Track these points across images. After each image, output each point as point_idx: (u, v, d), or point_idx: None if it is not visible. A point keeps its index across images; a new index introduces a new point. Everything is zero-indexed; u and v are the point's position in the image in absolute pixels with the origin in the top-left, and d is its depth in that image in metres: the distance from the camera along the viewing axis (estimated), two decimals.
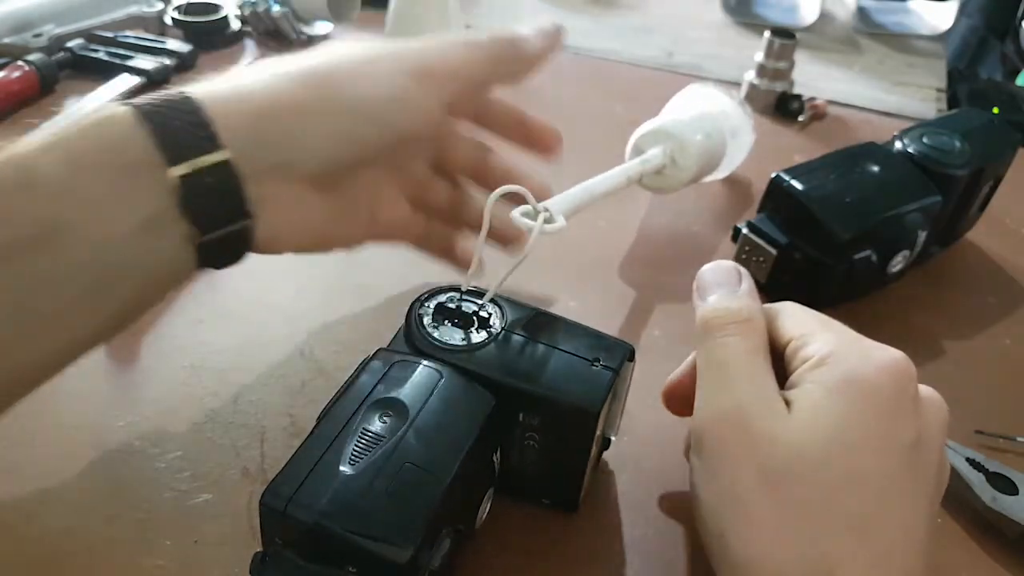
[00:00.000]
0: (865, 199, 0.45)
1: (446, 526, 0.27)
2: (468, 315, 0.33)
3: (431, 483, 0.26)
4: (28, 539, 0.32)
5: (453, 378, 0.30)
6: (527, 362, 0.31)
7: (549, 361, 0.31)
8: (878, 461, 0.26)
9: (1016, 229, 0.56)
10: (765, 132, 0.67)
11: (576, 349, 0.32)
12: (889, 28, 0.87)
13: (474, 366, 0.30)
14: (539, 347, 0.32)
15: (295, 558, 0.26)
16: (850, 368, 0.27)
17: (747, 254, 0.47)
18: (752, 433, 0.26)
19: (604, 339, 0.33)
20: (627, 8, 0.90)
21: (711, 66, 0.77)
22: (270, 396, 0.39)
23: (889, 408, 0.26)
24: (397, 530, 0.25)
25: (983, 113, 0.59)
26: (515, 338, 0.32)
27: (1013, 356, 0.46)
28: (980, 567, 0.34)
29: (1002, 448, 0.39)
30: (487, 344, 0.31)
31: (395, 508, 0.25)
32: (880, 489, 0.25)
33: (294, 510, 0.25)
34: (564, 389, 0.30)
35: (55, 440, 0.36)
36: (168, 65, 0.66)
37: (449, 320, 0.32)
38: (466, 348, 0.31)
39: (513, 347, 0.32)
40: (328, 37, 0.76)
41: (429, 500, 0.26)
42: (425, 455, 0.27)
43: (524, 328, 0.32)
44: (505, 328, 0.32)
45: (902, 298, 0.48)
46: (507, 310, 0.33)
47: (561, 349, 0.32)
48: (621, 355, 0.32)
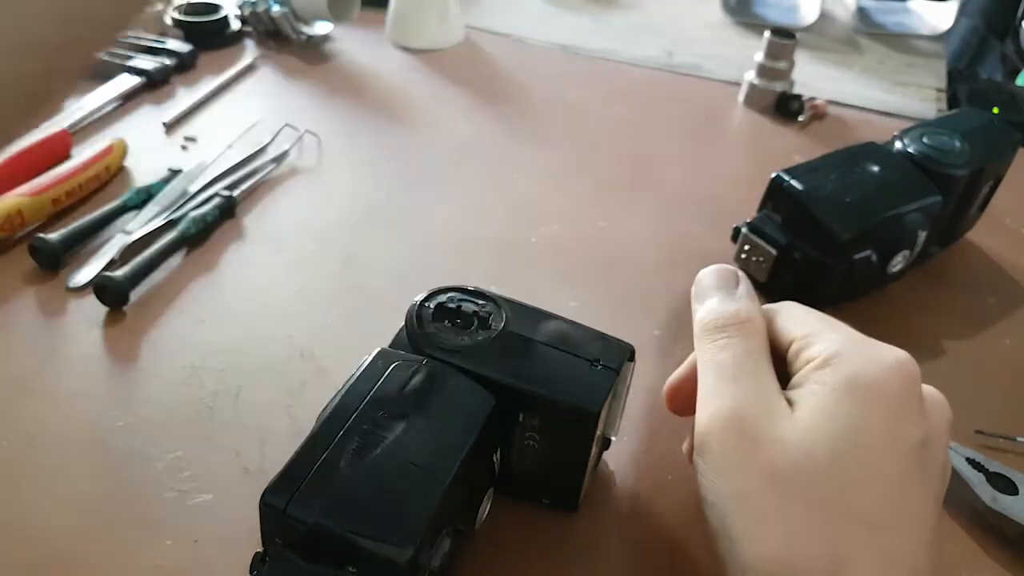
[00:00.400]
0: (865, 199, 0.45)
1: (446, 526, 0.27)
2: (468, 315, 0.33)
3: (431, 483, 0.26)
4: (28, 539, 0.32)
5: (454, 378, 0.30)
6: (527, 362, 0.31)
7: (549, 361, 0.31)
8: (886, 461, 0.26)
9: (1016, 229, 0.56)
10: (765, 132, 0.67)
11: (576, 349, 0.32)
12: (889, 28, 0.87)
13: (474, 366, 0.30)
14: (539, 347, 0.32)
15: (295, 558, 0.26)
16: (856, 369, 0.27)
17: (747, 254, 0.47)
18: (757, 434, 0.26)
19: (604, 339, 0.33)
20: (627, 8, 0.90)
21: (711, 66, 0.77)
22: (270, 396, 0.39)
23: (896, 409, 0.26)
24: (397, 530, 0.25)
25: (983, 113, 0.59)
26: (515, 338, 0.32)
27: (1013, 356, 0.46)
28: (980, 567, 0.34)
29: (1002, 448, 0.39)
30: (487, 344, 0.31)
31: (395, 508, 0.25)
32: (889, 489, 0.25)
33: (294, 510, 0.25)
34: (564, 389, 0.30)
35: (55, 440, 0.36)
36: (168, 65, 0.66)
37: (449, 320, 0.32)
38: (466, 348, 0.31)
39: (513, 347, 0.32)
40: (328, 37, 0.76)
41: (429, 500, 0.26)
42: (425, 455, 0.27)
43: (524, 328, 0.32)
44: (505, 328, 0.32)
45: (902, 298, 0.48)
46: (507, 310, 0.33)
47: (561, 349, 0.32)
48: (621, 355, 0.32)
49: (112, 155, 0.53)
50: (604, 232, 0.53)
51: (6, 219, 0.46)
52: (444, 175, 0.58)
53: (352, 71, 0.72)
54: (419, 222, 0.53)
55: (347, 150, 0.60)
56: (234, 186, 0.53)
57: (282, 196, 0.54)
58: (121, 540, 0.32)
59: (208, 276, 0.47)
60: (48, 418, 0.37)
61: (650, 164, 0.61)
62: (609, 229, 0.53)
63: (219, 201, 0.50)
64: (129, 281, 0.43)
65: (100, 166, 0.52)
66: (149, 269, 0.45)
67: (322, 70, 0.71)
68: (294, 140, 0.59)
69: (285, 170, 0.57)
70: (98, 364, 0.40)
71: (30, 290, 0.44)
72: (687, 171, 0.60)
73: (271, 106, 0.64)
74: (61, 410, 0.38)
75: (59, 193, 0.49)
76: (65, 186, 0.49)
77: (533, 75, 0.73)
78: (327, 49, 0.75)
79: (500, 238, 0.52)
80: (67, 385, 0.39)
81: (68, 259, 0.46)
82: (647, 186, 0.58)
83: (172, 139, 0.59)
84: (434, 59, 0.74)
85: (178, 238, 0.47)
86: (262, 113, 0.62)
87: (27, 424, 0.37)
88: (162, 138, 0.59)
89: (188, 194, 0.52)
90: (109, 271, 0.44)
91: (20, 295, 0.44)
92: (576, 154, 0.62)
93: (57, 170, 0.50)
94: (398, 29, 0.77)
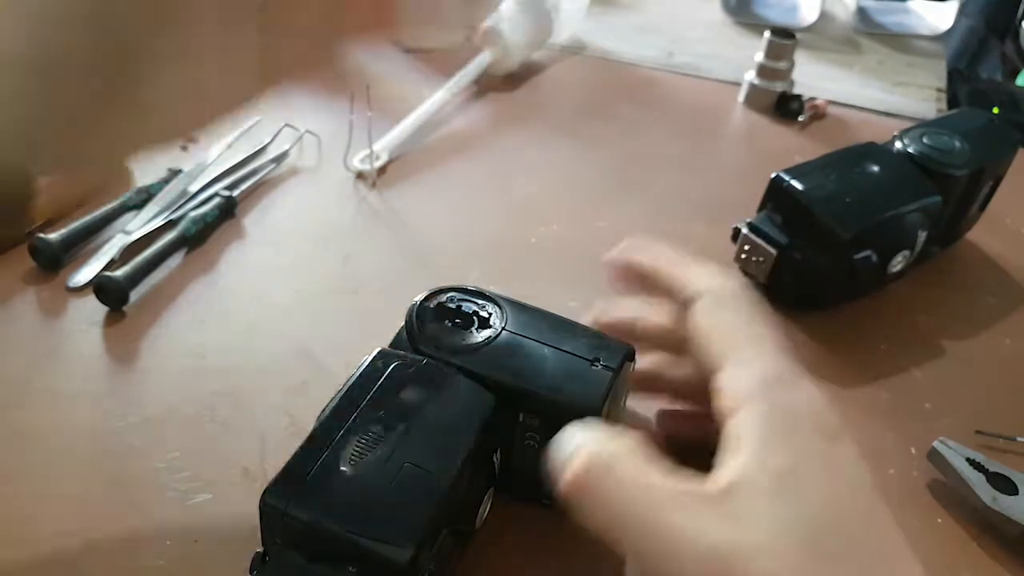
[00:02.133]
0: (865, 199, 0.45)
1: (446, 526, 0.27)
2: (468, 315, 0.33)
3: (431, 483, 0.26)
4: (28, 539, 0.32)
5: (454, 378, 0.30)
6: (527, 362, 0.31)
7: (549, 361, 0.31)
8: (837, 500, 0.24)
9: (1016, 229, 0.56)
10: (765, 132, 0.67)
11: (576, 349, 0.32)
12: (889, 28, 0.87)
13: (474, 366, 0.30)
14: (539, 347, 0.32)
15: (296, 557, 0.26)
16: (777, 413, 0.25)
17: (747, 254, 0.47)
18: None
19: (604, 339, 0.33)
20: (627, 8, 0.90)
21: (711, 66, 0.77)
22: (270, 396, 0.39)
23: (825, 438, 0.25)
24: (397, 530, 0.25)
25: (983, 113, 0.58)
26: (515, 338, 0.32)
27: (1013, 356, 0.45)
28: (980, 567, 0.34)
29: (1002, 448, 0.39)
30: (487, 344, 0.31)
31: (395, 508, 0.25)
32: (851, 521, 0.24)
33: (294, 510, 0.25)
34: (564, 389, 0.30)
35: (55, 440, 0.36)
36: None
37: (450, 320, 0.32)
38: (467, 348, 0.31)
39: (513, 347, 0.32)
40: None
41: (429, 500, 0.26)
42: (425, 455, 0.27)
43: (524, 328, 0.32)
44: (505, 328, 0.32)
45: (902, 298, 0.48)
46: (507, 310, 0.33)
47: (561, 349, 0.32)
48: (621, 355, 0.32)
49: None
50: (604, 232, 0.53)
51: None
52: (444, 175, 0.58)
53: (352, 71, 0.72)
54: (419, 222, 0.53)
55: (347, 150, 0.60)
56: (234, 186, 0.53)
57: (282, 196, 0.54)
58: (121, 540, 0.32)
59: (208, 276, 0.47)
60: (48, 418, 0.37)
61: (650, 164, 0.61)
62: (609, 229, 0.53)
63: (219, 201, 0.50)
64: (129, 281, 0.43)
65: None
66: (149, 269, 0.45)
67: (322, 70, 0.71)
68: (294, 140, 0.59)
69: (285, 170, 0.57)
70: (98, 364, 0.40)
71: (30, 290, 0.44)
72: (687, 171, 0.60)
73: (271, 106, 0.64)
74: (61, 410, 0.38)
75: None
76: None
77: (533, 75, 0.73)
78: None
79: (499, 238, 0.52)
80: (67, 385, 0.39)
81: (68, 259, 0.46)
82: (647, 186, 0.58)
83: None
84: (434, 59, 0.74)
85: (178, 238, 0.47)
86: (262, 113, 0.62)
87: (27, 424, 0.37)
88: None
89: (188, 194, 0.52)
90: (109, 271, 0.44)
91: (20, 295, 0.44)
92: (576, 154, 0.62)
93: None
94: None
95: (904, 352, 0.45)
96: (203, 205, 0.50)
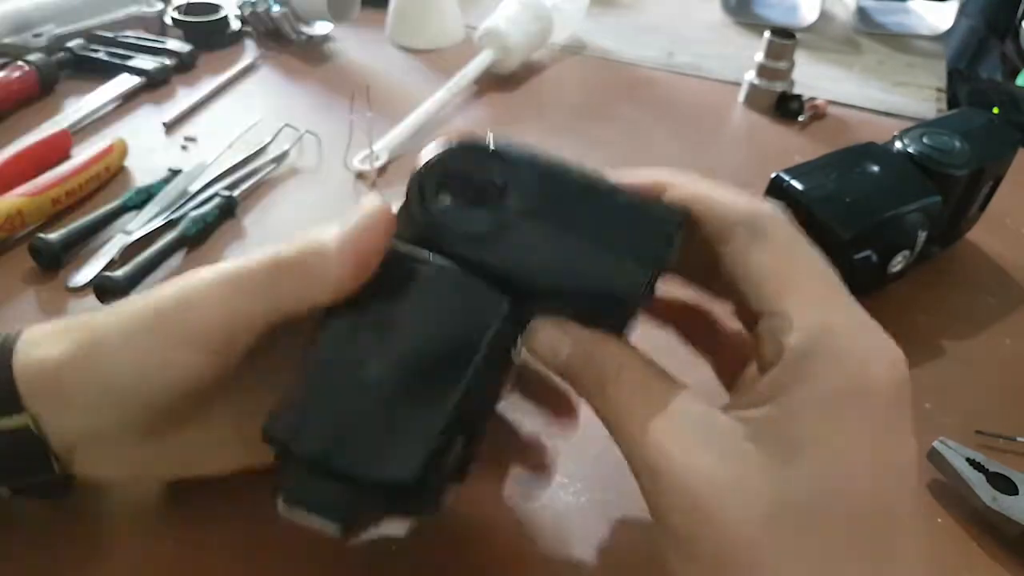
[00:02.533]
0: (865, 199, 0.45)
1: (456, 435, 0.25)
2: (481, 188, 0.27)
3: (439, 400, 0.25)
4: (27, 540, 0.32)
5: (462, 278, 0.26)
6: (550, 252, 0.26)
7: (575, 251, 0.26)
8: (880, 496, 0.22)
9: (1016, 229, 0.56)
10: (765, 132, 0.67)
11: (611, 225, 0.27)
12: (889, 28, 0.87)
13: (488, 256, 0.26)
14: (564, 233, 0.27)
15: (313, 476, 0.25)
16: (842, 381, 0.23)
17: None
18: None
19: (647, 212, 0.28)
20: (627, 8, 0.90)
21: (711, 66, 0.77)
22: None
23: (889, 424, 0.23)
24: (401, 457, 0.24)
25: (983, 113, 0.58)
26: (538, 221, 0.27)
27: (1013, 356, 0.45)
28: (980, 567, 0.34)
29: (1002, 448, 0.39)
30: (504, 227, 0.26)
31: (402, 428, 0.24)
32: (888, 522, 0.22)
33: (296, 446, 0.25)
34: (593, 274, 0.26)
35: None
36: (168, 65, 0.66)
37: (460, 195, 0.27)
38: (479, 235, 0.26)
39: (535, 233, 0.26)
40: (328, 37, 0.76)
41: (432, 423, 0.25)
42: (432, 367, 0.25)
43: (550, 202, 0.27)
44: (526, 203, 0.27)
45: (902, 298, 0.48)
46: (530, 176, 0.28)
47: (589, 235, 0.27)
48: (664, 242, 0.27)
49: (112, 155, 0.53)
50: None
51: (6, 219, 0.46)
52: None
53: (352, 71, 0.72)
54: None
55: (347, 150, 0.60)
56: (234, 186, 0.53)
57: (282, 196, 0.54)
58: (121, 540, 0.32)
59: None
60: None
61: (650, 164, 0.61)
62: None
63: (219, 201, 0.50)
64: (129, 281, 0.43)
65: (100, 166, 0.52)
66: (149, 269, 0.45)
67: (322, 70, 0.71)
68: (294, 140, 0.59)
69: (285, 170, 0.57)
70: None
71: (30, 290, 0.44)
72: (687, 171, 0.60)
73: (271, 106, 0.64)
74: None
75: (59, 193, 0.49)
76: (65, 186, 0.49)
77: (533, 75, 0.73)
78: (327, 49, 0.75)
79: None
80: None
81: (68, 259, 0.46)
82: None
83: (172, 139, 0.59)
84: (434, 59, 0.74)
85: (178, 238, 0.47)
86: (262, 113, 0.62)
87: None
88: (162, 138, 0.59)
89: (188, 194, 0.52)
90: (109, 271, 0.44)
91: (20, 295, 0.44)
92: (576, 154, 0.62)
93: (57, 170, 0.50)
94: (398, 29, 0.77)
95: (904, 352, 0.44)
96: (203, 205, 0.50)
